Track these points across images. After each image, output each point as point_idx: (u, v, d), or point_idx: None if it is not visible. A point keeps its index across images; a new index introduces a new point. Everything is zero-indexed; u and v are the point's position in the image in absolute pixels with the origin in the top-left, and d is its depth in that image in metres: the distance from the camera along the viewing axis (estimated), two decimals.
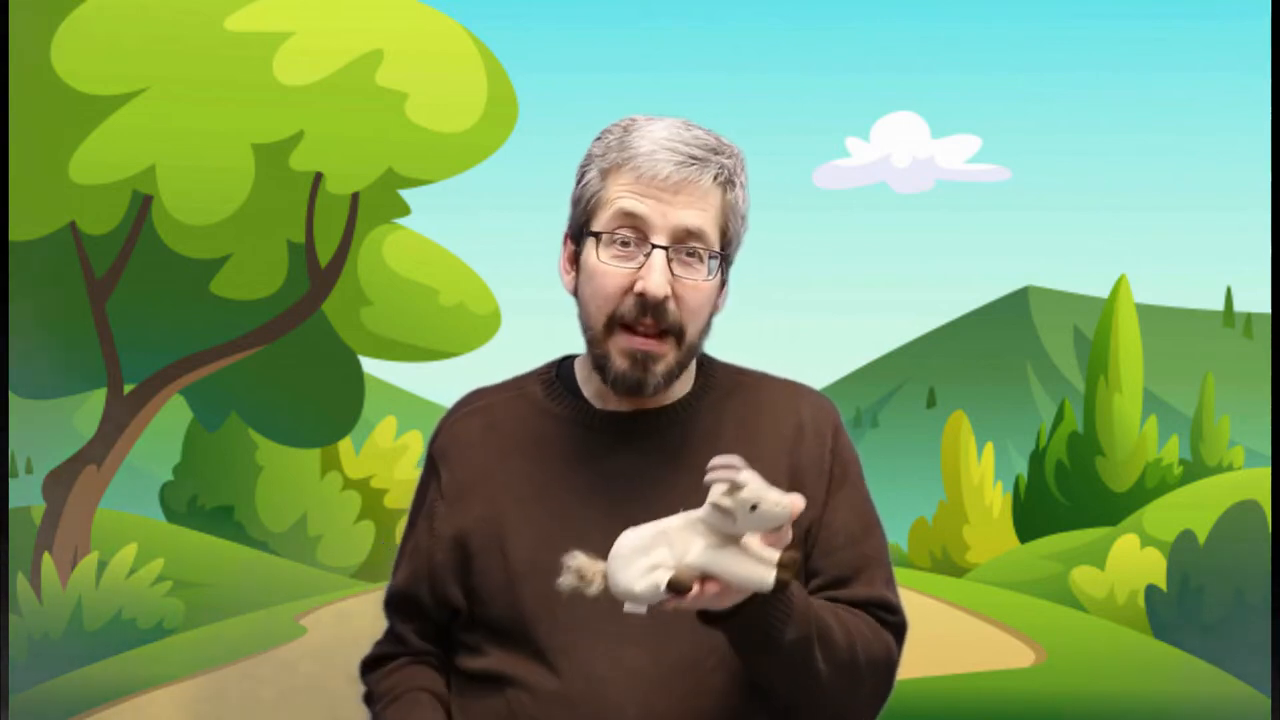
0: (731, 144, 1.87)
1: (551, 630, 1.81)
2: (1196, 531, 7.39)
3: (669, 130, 1.82)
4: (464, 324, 8.13)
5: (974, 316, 11.63)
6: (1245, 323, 10.34)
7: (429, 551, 1.91)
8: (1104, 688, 6.81)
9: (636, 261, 1.79)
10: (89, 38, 7.26)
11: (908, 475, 10.37)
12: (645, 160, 1.79)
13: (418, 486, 1.96)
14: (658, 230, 1.79)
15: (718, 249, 1.82)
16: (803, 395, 1.93)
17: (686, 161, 1.80)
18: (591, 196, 1.84)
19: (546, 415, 1.91)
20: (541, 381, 1.95)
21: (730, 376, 1.94)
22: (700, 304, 1.82)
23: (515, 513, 1.84)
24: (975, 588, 8.70)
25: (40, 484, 7.62)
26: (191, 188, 7.37)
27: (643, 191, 1.80)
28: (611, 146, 1.84)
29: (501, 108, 7.63)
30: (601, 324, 1.82)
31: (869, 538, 1.89)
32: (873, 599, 1.86)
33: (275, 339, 7.85)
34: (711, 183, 1.82)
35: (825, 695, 1.76)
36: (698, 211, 1.80)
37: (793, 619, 1.69)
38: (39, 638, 7.10)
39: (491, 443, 1.91)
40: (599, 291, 1.82)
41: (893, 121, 9.73)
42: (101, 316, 7.67)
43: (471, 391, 2.00)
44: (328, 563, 8.89)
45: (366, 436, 9.32)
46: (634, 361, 1.81)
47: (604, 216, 1.82)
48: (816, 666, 1.73)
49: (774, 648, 1.69)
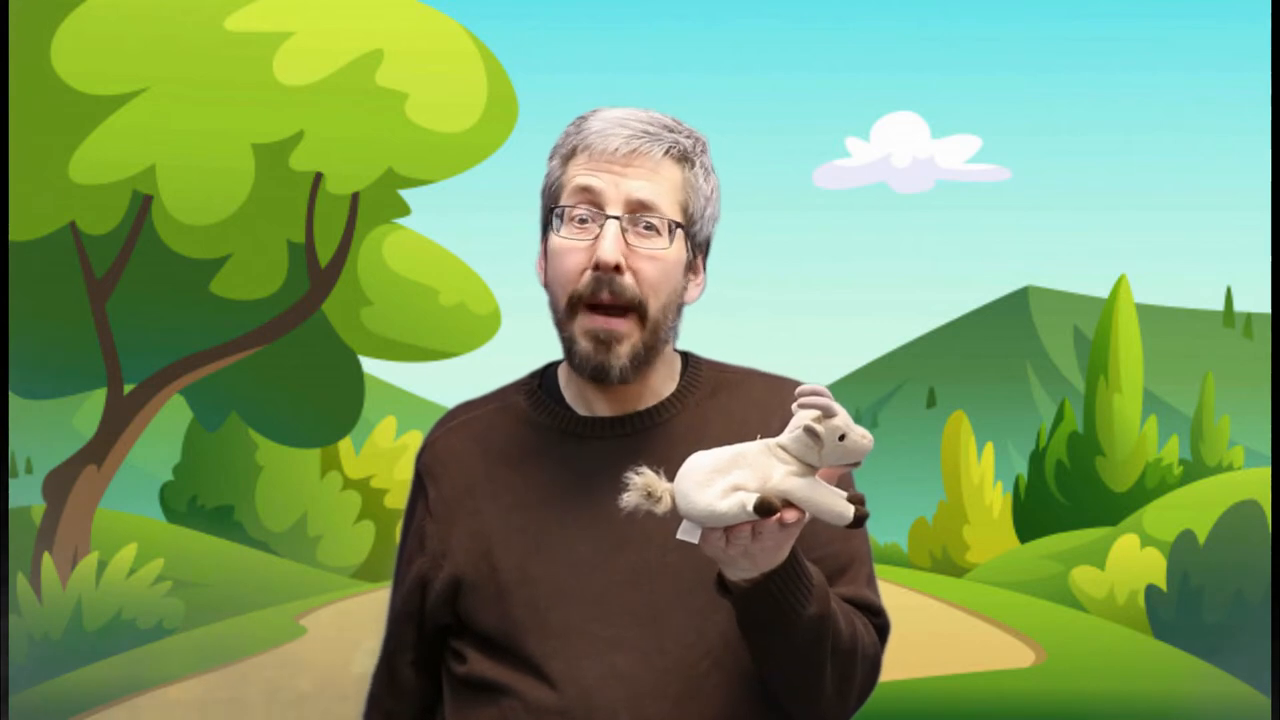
0: (694, 129, 1.88)
1: (543, 639, 1.80)
2: (1196, 531, 7.39)
3: (625, 111, 1.85)
4: (464, 324, 8.13)
5: (974, 316, 11.64)
6: (1245, 323, 10.35)
7: (420, 570, 1.91)
8: (1104, 688, 6.81)
9: (593, 234, 1.80)
10: (89, 38, 7.26)
11: (908, 475, 10.37)
12: (597, 138, 1.81)
13: (407, 506, 1.96)
14: (611, 202, 1.80)
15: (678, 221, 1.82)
16: (788, 389, 1.92)
17: (637, 134, 1.81)
18: (553, 183, 1.85)
19: (531, 425, 1.91)
20: (525, 392, 1.95)
21: (714, 374, 1.94)
22: (658, 277, 1.81)
23: (503, 524, 1.84)
24: (975, 588, 8.70)
25: (40, 484, 7.62)
26: (191, 188, 7.37)
27: (596, 167, 1.81)
28: (569, 134, 1.86)
29: (501, 108, 7.63)
30: (564, 304, 1.82)
31: (852, 536, 1.88)
32: (857, 599, 1.85)
33: (275, 339, 7.85)
34: (663, 155, 1.82)
35: (825, 684, 1.75)
36: (649, 183, 1.80)
37: (814, 594, 1.68)
38: (39, 638, 7.10)
39: (477, 456, 1.91)
40: (559, 271, 1.83)
41: (893, 121, 9.73)
42: (101, 316, 7.67)
43: (456, 406, 2.00)
44: (328, 563, 8.89)
45: (366, 436, 9.32)
46: (597, 342, 1.80)
47: (563, 197, 1.83)
48: (826, 650, 1.72)
49: (793, 622, 1.67)
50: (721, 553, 1.58)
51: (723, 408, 1.90)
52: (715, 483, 1.53)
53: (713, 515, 1.52)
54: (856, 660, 1.78)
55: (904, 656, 1.96)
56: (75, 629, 7.18)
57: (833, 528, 1.79)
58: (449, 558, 1.87)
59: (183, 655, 7.21)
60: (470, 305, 8.13)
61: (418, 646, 1.94)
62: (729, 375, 1.95)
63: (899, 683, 6.36)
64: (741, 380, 1.94)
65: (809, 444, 1.53)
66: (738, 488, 1.53)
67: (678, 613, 1.78)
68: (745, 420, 1.88)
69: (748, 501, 1.51)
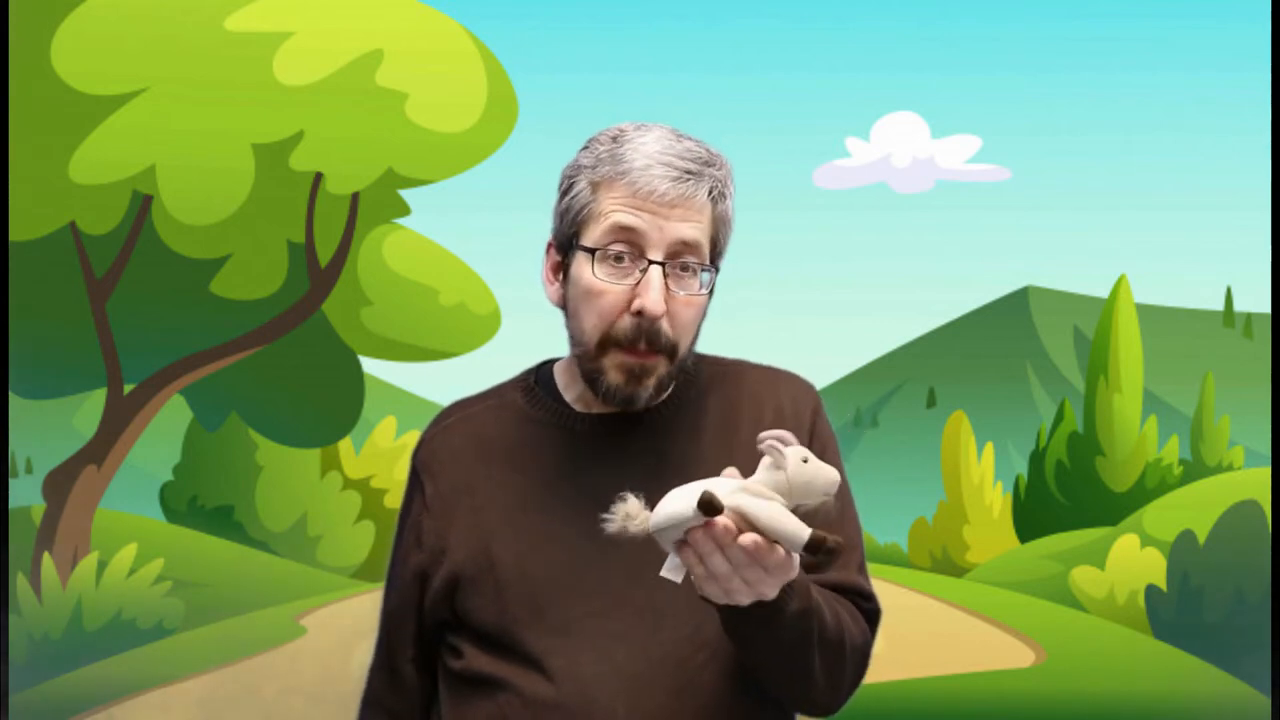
0: (719, 153, 1.87)
1: (541, 633, 1.81)
2: (1196, 531, 7.39)
3: (660, 143, 1.81)
4: (464, 324, 8.14)
5: (974, 316, 11.65)
6: (1245, 323, 10.35)
7: (417, 567, 1.91)
8: (1104, 688, 6.81)
9: (632, 278, 1.79)
10: (89, 38, 7.26)
11: (908, 475, 10.38)
12: (640, 175, 1.78)
13: (403, 503, 1.96)
14: (654, 246, 1.78)
15: (709, 261, 1.82)
16: (782, 381, 1.93)
17: (682, 177, 1.79)
18: (582, 209, 1.83)
19: (529, 422, 1.91)
20: (521, 389, 1.95)
21: (709, 369, 1.95)
22: (691, 319, 1.82)
23: (501, 521, 1.85)
24: (975, 588, 8.71)
25: (40, 484, 7.63)
26: (191, 188, 7.37)
27: (638, 206, 1.78)
28: (602, 159, 1.81)
29: (501, 108, 7.64)
30: (596, 342, 1.82)
31: (845, 522, 1.89)
32: (848, 584, 1.86)
33: (275, 339, 7.85)
34: (706, 197, 1.81)
35: (814, 677, 1.77)
36: (692, 225, 1.80)
37: (795, 590, 1.69)
38: (39, 638, 7.10)
39: (474, 453, 1.91)
40: (595, 310, 1.81)
41: (893, 121, 9.75)
42: (101, 316, 7.67)
43: (452, 404, 2.00)
44: (328, 563, 8.90)
45: (366, 436, 9.34)
46: (630, 376, 1.81)
47: (596, 231, 1.81)
48: (812, 644, 1.74)
49: (777, 621, 1.69)
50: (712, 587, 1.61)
51: (718, 402, 1.91)
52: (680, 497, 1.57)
53: (667, 516, 1.57)
54: (844, 650, 1.79)
55: (904, 656, 1.97)
56: (75, 629, 7.19)
57: (824, 517, 1.80)
58: (447, 554, 1.88)
59: (183, 655, 7.21)
60: (470, 305, 8.14)
61: (417, 643, 1.94)
62: (723, 368, 1.95)
63: (899, 683, 6.36)
64: (736, 373, 1.95)
65: (774, 467, 1.56)
66: None
67: (675, 607, 1.79)
68: (740, 413, 1.89)
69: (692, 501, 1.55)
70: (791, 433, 1.59)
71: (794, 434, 1.87)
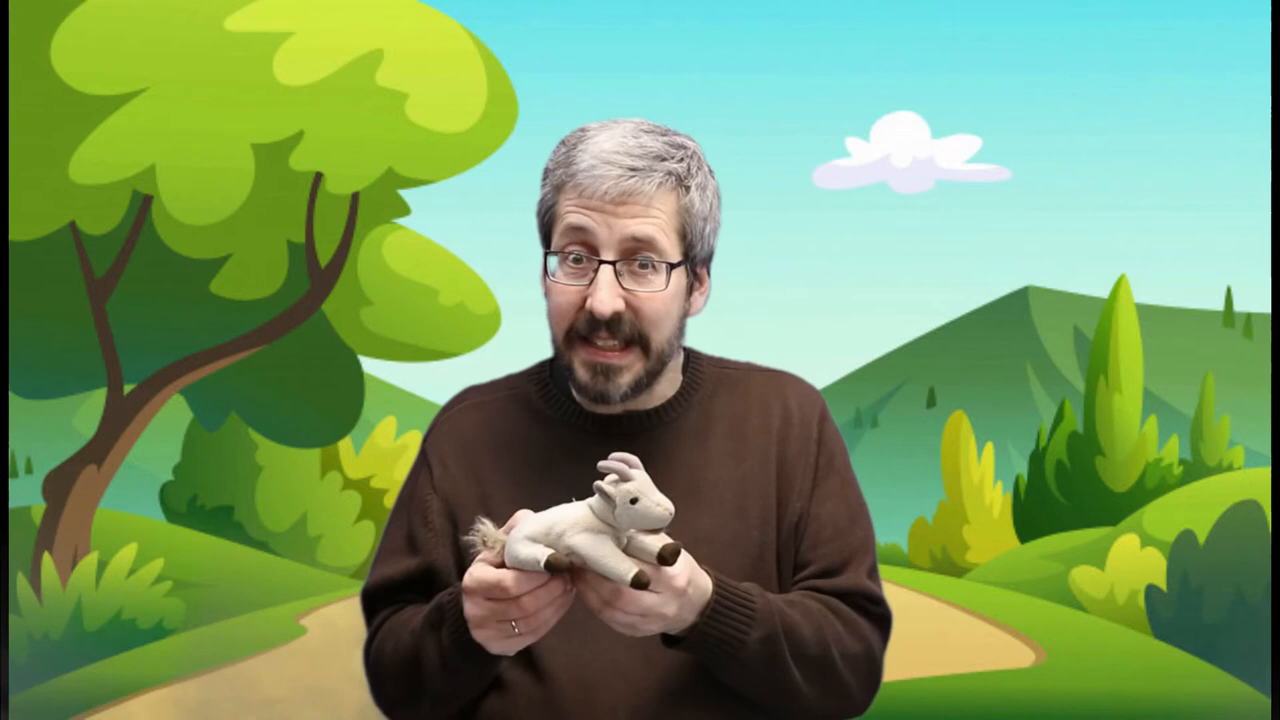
0: (685, 142, 1.85)
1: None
2: (1196, 531, 7.39)
3: (614, 140, 1.81)
4: (464, 324, 8.14)
5: (974, 316, 11.65)
6: (1245, 323, 10.35)
7: (424, 544, 1.90)
8: (1104, 688, 6.81)
9: (588, 278, 1.80)
10: (89, 38, 7.26)
11: (908, 475, 10.38)
12: (585, 176, 1.79)
13: (407, 479, 1.96)
14: (605, 245, 1.79)
15: (675, 256, 1.81)
16: (788, 384, 1.94)
17: (626, 174, 1.79)
18: (547, 211, 1.86)
19: (539, 416, 1.92)
20: (535, 381, 1.96)
21: (716, 372, 1.95)
22: (659, 313, 1.82)
23: (506, 514, 1.85)
24: (975, 588, 8.71)
25: (40, 484, 7.63)
26: (191, 188, 7.37)
27: (587, 206, 1.80)
28: (560, 161, 1.84)
29: (501, 108, 7.64)
30: (561, 337, 1.84)
31: (855, 528, 1.90)
32: (856, 590, 1.87)
33: (275, 339, 7.85)
34: (656, 190, 1.80)
35: (800, 691, 1.78)
36: (643, 221, 1.79)
37: (756, 619, 1.71)
38: (39, 638, 7.10)
39: (485, 442, 1.92)
40: (554, 308, 1.84)
41: (893, 121, 9.75)
42: (101, 316, 7.67)
43: (467, 388, 2.00)
44: (328, 563, 8.90)
45: (366, 436, 9.33)
46: (595, 372, 1.82)
47: (557, 233, 1.83)
48: (787, 664, 1.75)
49: (740, 653, 1.72)
50: (623, 625, 1.66)
51: (725, 405, 1.92)
52: (527, 533, 1.63)
53: (514, 560, 1.63)
54: (832, 661, 1.80)
55: (904, 656, 1.98)
56: (75, 629, 7.19)
57: (835, 522, 1.82)
58: (452, 541, 1.88)
59: (183, 655, 7.22)
60: (470, 305, 8.14)
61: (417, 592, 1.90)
62: (730, 372, 1.96)
63: (899, 683, 6.36)
64: (742, 377, 1.95)
65: (604, 505, 1.61)
66: (540, 542, 1.62)
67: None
68: (746, 417, 1.90)
69: (541, 556, 1.61)
70: (638, 460, 1.60)
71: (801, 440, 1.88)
